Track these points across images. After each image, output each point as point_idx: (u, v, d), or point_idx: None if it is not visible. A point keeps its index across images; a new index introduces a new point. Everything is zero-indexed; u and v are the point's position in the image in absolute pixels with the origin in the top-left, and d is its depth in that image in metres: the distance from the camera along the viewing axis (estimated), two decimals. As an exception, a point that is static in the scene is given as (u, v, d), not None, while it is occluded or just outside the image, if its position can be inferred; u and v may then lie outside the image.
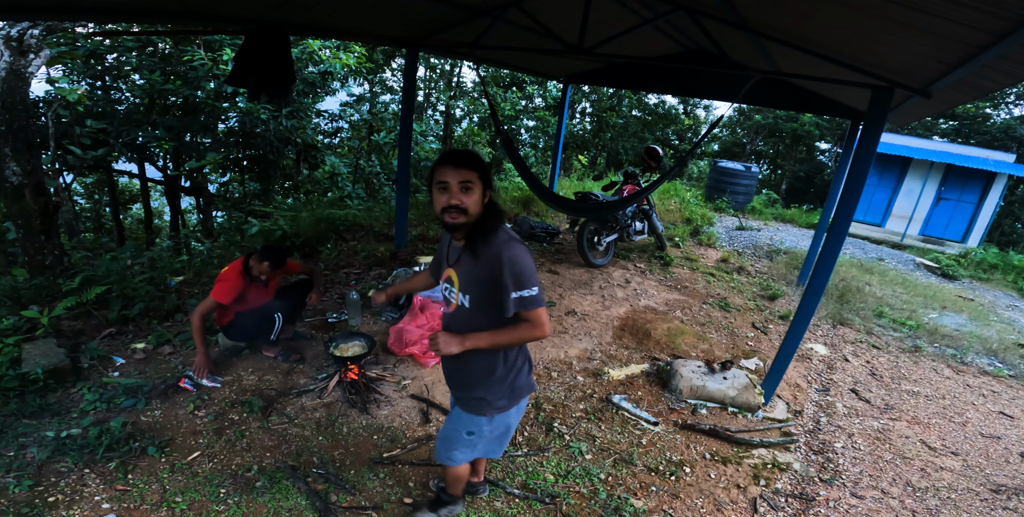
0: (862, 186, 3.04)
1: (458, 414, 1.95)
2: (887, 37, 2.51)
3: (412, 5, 3.77)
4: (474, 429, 1.91)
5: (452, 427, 1.98)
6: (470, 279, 1.71)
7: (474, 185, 1.60)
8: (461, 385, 1.89)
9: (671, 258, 6.47)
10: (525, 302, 1.62)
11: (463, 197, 1.60)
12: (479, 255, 1.66)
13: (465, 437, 1.94)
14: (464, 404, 1.90)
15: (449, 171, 1.59)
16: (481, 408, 1.86)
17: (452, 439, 1.98)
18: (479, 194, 1.63)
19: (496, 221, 1.69)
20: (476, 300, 1.72)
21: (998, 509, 2.97)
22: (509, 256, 1.61)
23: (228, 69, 6.65)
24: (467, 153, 1.64)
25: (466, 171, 1.59)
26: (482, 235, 1.66)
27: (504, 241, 1.65)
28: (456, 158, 1.61)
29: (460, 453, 1.99)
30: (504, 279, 1.60)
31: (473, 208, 1.62)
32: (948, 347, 5.29)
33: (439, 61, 13.86)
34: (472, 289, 1.71)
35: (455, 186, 1.59)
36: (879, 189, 11.73)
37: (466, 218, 1.62)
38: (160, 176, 9.20)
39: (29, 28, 4.07)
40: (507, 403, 1.87)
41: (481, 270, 1.66)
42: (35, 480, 2.39)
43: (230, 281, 3.14)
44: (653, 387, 3.76)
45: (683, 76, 5.93)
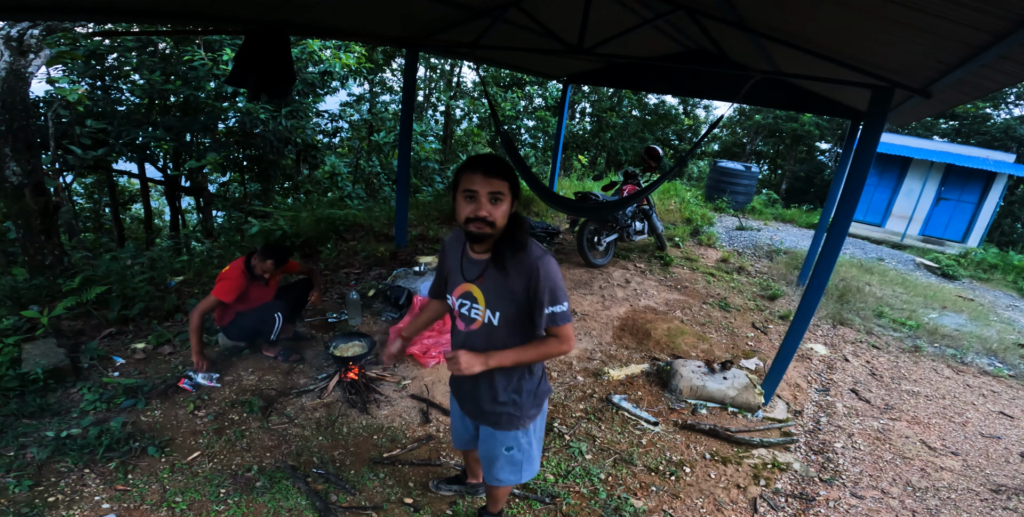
0: (862, 186, 3.04)
1: (490, 434, 1.87)
2: (887, 37, 2.51)
3: (412, 5, 3.77)
4: (512, 444, 1.85)
5: (488, 448, 1.90)
6: (499, 295, 1.61)
7: (504, 196, 1.50)
8: (488, 402, 1.80)
9: (671, 258, 6.46)
10: (557, 318, 1.57)
11: (492, 209, 1.50)
12: (510, 270, 1.57)
13: (505, 453, 1.88)
14: (494, 422, 1.82)
15: (478, 179, 1.48)
16: (513, 422, 1.80)
17: (493, 459, 1.91)
18: (508, 206, 1.53)
19: (525, 234, 1.60)
20: (507, 317, 1.63)
21: (998, 509, 2.97)
22: (546, 271, 1.54)
23: (228, 69, 6.65)
24: (498, 161, 1.52)
25: (497, 181, 1.48)
26: (512, 250, 1.57)
27: (539, 256, 1.57)
28: (487, 166, 1.49)
29: (507, 473, 1.92)
30: (541, 295, 1.54)
31: (501, 221, 1.53)
32: (948, 347, 5.29)
33: (439, 61, 13.86)
34: (503, 305, 1.62)
35: (484, 196, 1.48)
36: (879, 189, 11.73)
37: (492, 230, 1.53)
38: (160, 176, 9.20)
39: (29, 28, 4.07)
40: (536, 411, 1.84)
41: (513, 285, 1.58)
42: (35, 480, 2.39)
43: (232, 280, 3.14)
44: (653, 387, 3.76)
45: (683, 76, 5.93)
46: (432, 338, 3.77)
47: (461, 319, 1.73)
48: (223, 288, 3.11)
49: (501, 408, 1.78)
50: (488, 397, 1.78)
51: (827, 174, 17.19)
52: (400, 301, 4.25)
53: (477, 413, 1.86)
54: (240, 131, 7.83)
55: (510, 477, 1.93)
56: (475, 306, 1.67)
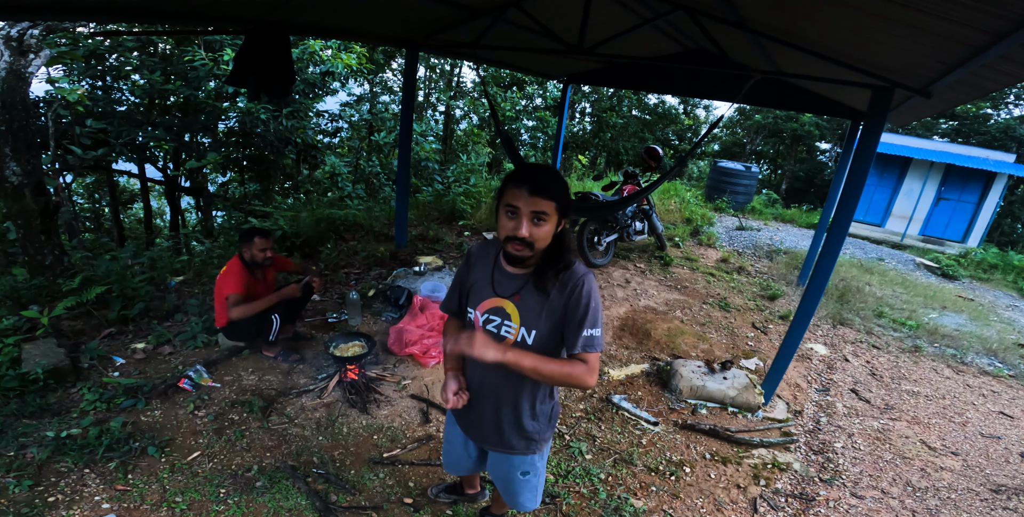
0: (862, 186, 3.04)
1: (504, 459, 1.79)
2: (887, 37, 2.51)
3: (412, 5, 3.77)
4: (528, 468, 1.80)
5: (504, 473, 1.84)
6: (537, 313, 1.51)
7: (549, 217, 1.37)
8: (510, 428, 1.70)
9: (671, 258, 6.46)
10: (592, 342, 1.47)
11: (533, 229, 1.37)
12: (551, 290, 1.48)
13: (521, 478, 1.82)
14: (510, 447, 1.74)
15: (523, 197, 1.35)
16: (531, 447, 1.74)
17: (510, 483, 1.85)
18: (552, 227, 1.40)
19: (572, 255, 1.50)
20: (542, 336, 1.52)
21: (998, 509, 2.97)
22: (589, 290, 1.46)
23: (228, 69, 6.65)
24: (549, 178, 1.37)
25: (543, 201, 1.35)
26: (557, 271, 1.48)
27: (584, 273, 1.48)
28: (535, 183, 1.35)
29: (528, 499, 1.88)
30: (581, 314, 1.46)
31: (542, 243, 1.41)
32: (948, 347, 5.29)
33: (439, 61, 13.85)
34: (540, 324, 1.51)
35: (526, 215, 1.36)
36: (879, 189, 11.73)
37: (531, 252, 1.42)
38: (160, 176, 9.20)
39: (29, 28, 4.07)
40: (551, 433, 1.80)
41: (554, 303, 1.49)
42: (35, 480, 2.40)
43: (234, 273, 3.18)
44: (653, 387, 3.76)
45: (683, 76, 5.92)
46: (432, 338, 3.77)
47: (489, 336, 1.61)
48: (230, 283, 3.14)
49: (522, 434, 1.70)
50: (503, 423, 1.69)
51: (827, 174, 17.19)
52: (400, 301, 4.25)
53: (487, 439, 1.77)
54: (240, 131, 7.83)
55: (530, 503, 1.90)
56: (507, 323, 1.55)
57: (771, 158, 19.76)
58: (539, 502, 1.93)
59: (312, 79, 7.77)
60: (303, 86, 7.71)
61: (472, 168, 9.54)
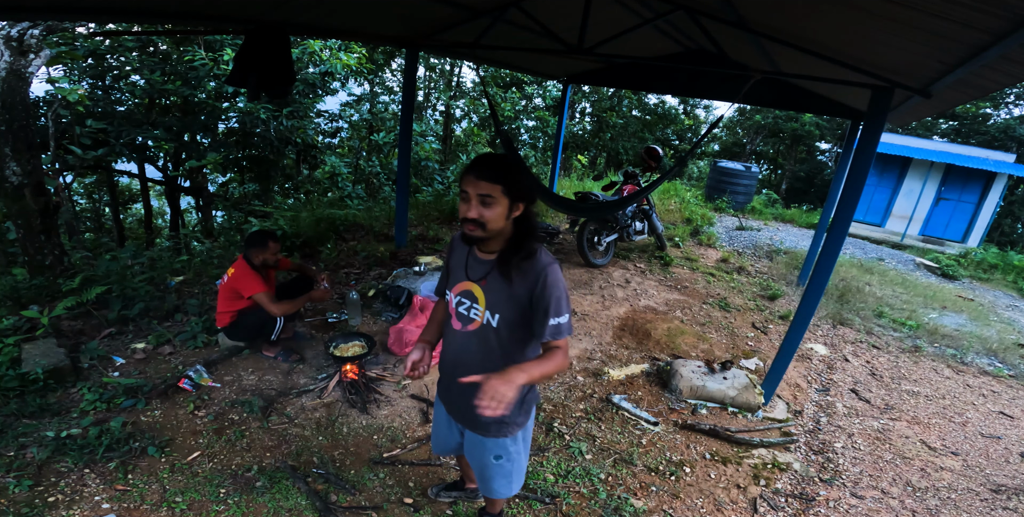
0: (862, 186, 3.04)
1: (479, 441, 1.83)
2: (887, 37, 2.51)
3: (412, 5, 3.77)
4: (500, 452, 1.82)
5: (478, 456, 1.87)
6: (501, 298, 1.59)
7: (495, 200, 1.47)
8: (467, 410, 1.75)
9: (671, 258, 6.46)
10: (561, 329, 1.54)
11: (482, 210, 1.48)
12: (514, 277, 1.55)
13: (494, 463, 1.84)
14: (484, 429, 1.78)
15: (470, 181, 1.47)
16: (502, 430, 1.77)
17: (484, 468, 1.88)
18: (503, 208, 1.50)
19: (533, 243, 1.57)
20: (507, 320, 1.61)
21: (998, 509, 2.97)
22: (553, 280, 1.53)
23: (228, 69, 6.65)
24: (493, 163, 1.50)
25: (486, 184, 1.46)
26: (518, 258, 1.55)
27: (548, 263, 1.55)
28: (479, 168, 1.48)
29: (500, 484, 1.90)
30: (546, 303, 1.52)
31: (493, 223, 1.50)
32: (948, 347, 5.29)
33: (439, 61, 13.85)
34: (504, 309, 1.60)
35: (474, 198, 1.48)
36: (879, 189, 11.73)
37: (484, 233, 1.51)
38: (160, 176, 9.20)
39: (29, 28, 4.07)
40: (525, 419, 1.82)
41: (517, 290, 1.56)
42: (35, 480, 2.39)
43: (250, 274, 3.17)
44: (653, 387, 3.76)
45: (683, 76, 5.92)
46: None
47: (458, 318, 1.70)
48: (252, 285, 3.13)
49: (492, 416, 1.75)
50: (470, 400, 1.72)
51: (827, 174, 17.19)
52: (400, 301, 4.25)
53: (466, 417, 1.81)
54: (240, 131, 7.84)
55: (503, 489, 1.91)
56: (475, 306, 1.64)
57: (771, 158, 19.77)
58: (514, 490, 1.93)
59: (312, 79, 7.77)
60: (303, 86, 7.71)
61: (472, 168, 9.52)
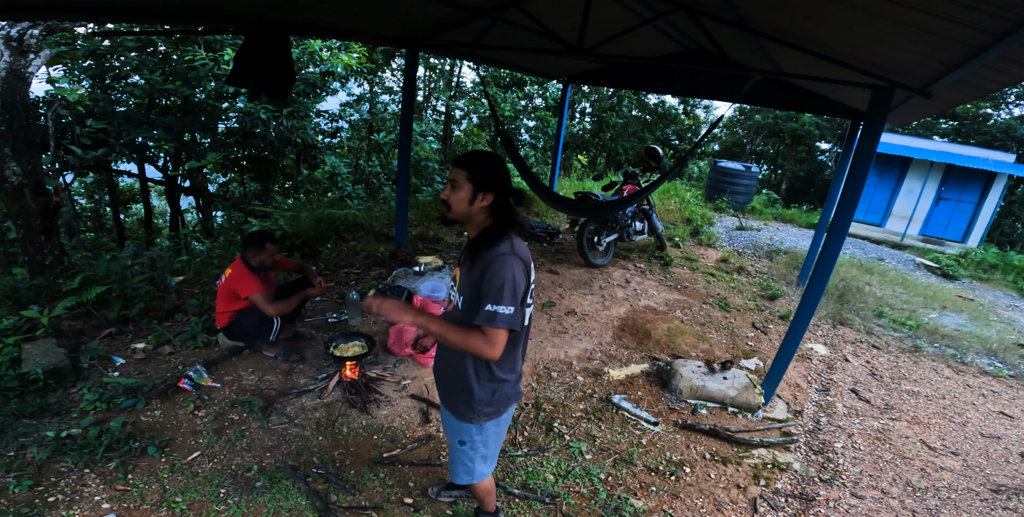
0: (862, 186, 3.04)
1: (447, 418, 1.95)
2: (887, 37, 2.51)
3: (412, 5, 3.77)
4: (464, 437, 1.90)
5: (449, 436, 1.99)
6: (465, 282, 1.74)
7: (459, 184, 1.65)
8: (444, 386, 1.92)
9: (671, 258, 6.46)
10: (493, 317, 1.58)
11: (449, 193, 1.67)
12: (474, 263, 1.68)
13: (459, 447, 1.93)
14: (452, 407, 1.89)
15: (451, 169, 1.70)
16: (467, 415, 1.84)
17: (452, 451, 1.98)
18: (466, 193, 1.65)
19: (498, 236, 1.67)
20: (466, 302, 1.74)
21: (998, 509, 2.97)
22: (497, 269, 1.60)
23: (228, 69, 6.65)
24: (469, 154, 1.70)
25: (456, 169, 1.67)
26: (481, 245, 1.67)
27: (500, 254, 1.62)
28: (457, 158, 1.70)
29: (461, 470, 1.97)
30: (484, 290, 1.61)
31: (456, 206, 1.67)
32: (948, 347, 5.29)
33: (439, 61, 13.85)
34: (465, 291, 1.74)
35: (448, 183, 1.69)
36: (879, 189, 11.73)
37: (449, 213, 1.69)
38: (160, 176, 9.20)
39: (29, 28, 4.07)
40: (493, 410, 1.85)
41: (474, 275, 1.68)
42: (35, 480, 2.39)
43: (247, 275, 3.17)
44: (653, 387, 3.76)
45: (683, 76, 5.92)
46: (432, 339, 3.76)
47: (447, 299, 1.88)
48: (248, 285, 3.13)
49: (465, 397, 1.82)
50: (451, 380, 1.86)
51: (827, 174, 17.19)
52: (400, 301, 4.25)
53: (443, 395, 1.95)
54: (240, 131, 7.83)
55: (464, 475, 1.98)
56: (454, 288, 1.85)
57: (771, 158, 19.76)
58: (475, 479, 1.98)
59: (312, 79, 7.77)
60: (303, 86, 7.71)
61: (472, 168, 9.53)
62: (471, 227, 1.74)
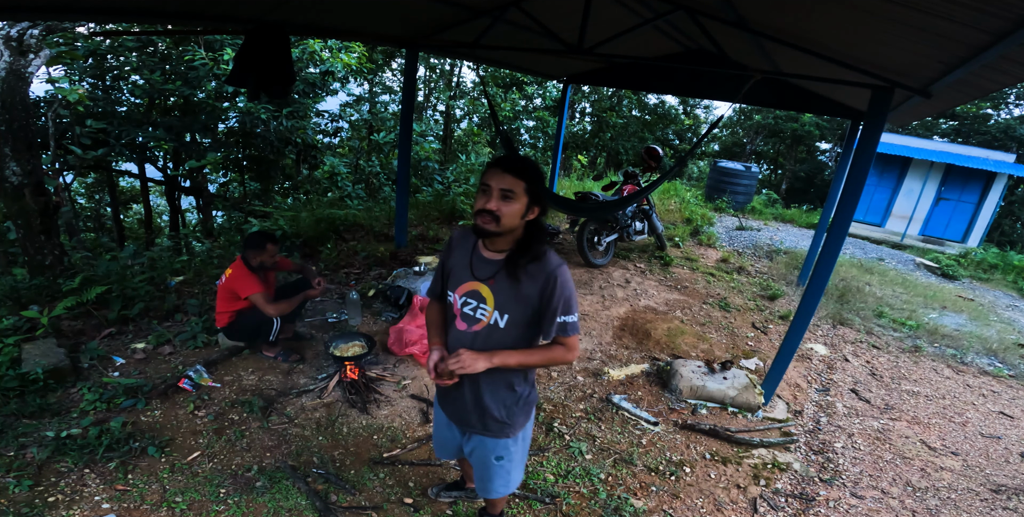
0: (862, 186, 3.04)
1: (480, 442, 1.82)
2: (887, 37, 2.51)
3: (412, 5, 3.77)
4: (502, 453, 1.81)
5: (480, 456, 1.86)
6: (510, 298, 1.59)
7: (515, 196, 1.49)
8: (477, 409, 1.74)
9: (671, 258, 6.46)
10: (568, 328, 1.57)
11: (501, 204, 1.49)
12: (522, 277, 1.56)
13: (495, 463, 1.83)
14: (483, 429, 1.78)
15: (495, 175, 1.49)
16: (504, 430, 1.76)
17: (485, 468, 1.88)
18: (520, 207, 1.51)
19: (543, 246, 1.59)
20: (515, 320, 1.61)
21: (998, 509, 2.97)
22: (563, 281, 1.54)
23: (228, 69, 6.65)
24: (522, 161, 1.53)
25: (511, 178, 1.48)
26: (527, 260, 1.56)
27: (557, 265, 1.56)
28: (506, 162, 1.51)
29: (499, 484, 1.89)
30: (555, 303, 1.54)
31: (508, 220, 1.51)
32: (948, 347, 5.29)
33: (439, 61, 13.85)
34: (513, 309, 1.60)
35: (495, 191, 1.49)
36: (879, 189, 11.73)
37: (497, 227, 1.51)
38: (160, 176, 9.20)
39: (29, 28, 4.07)
40: (525, 419, 1.81)
41: (526, 290, 1.56)
42: (35, 480, 2.39)
43: (247, 275, 3.17)
44: (653, 387, 3.76)
45: (683, 76, 5.92)
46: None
47: (463, 319, 1.68)
48: (249, 285, 3.13)
49: (491, 415, 1.73)
50: (479, 403, 1.73)
51: (827, 174, 17.19)
52: (400, 301, 4.25)
53: (465, 420, 1.80)
54: (240, 131, 7.83)
55: (501, 489, 1.90)
56: (482, 306, 1.63)
57: (771, 158, 19.76)
58: (511, 488, 1.93)
59: (312, 79, 7.77)
60: (303, 86, 7.71)
61: (472, 168, 9.54)
62: (503, 240, 1.59)
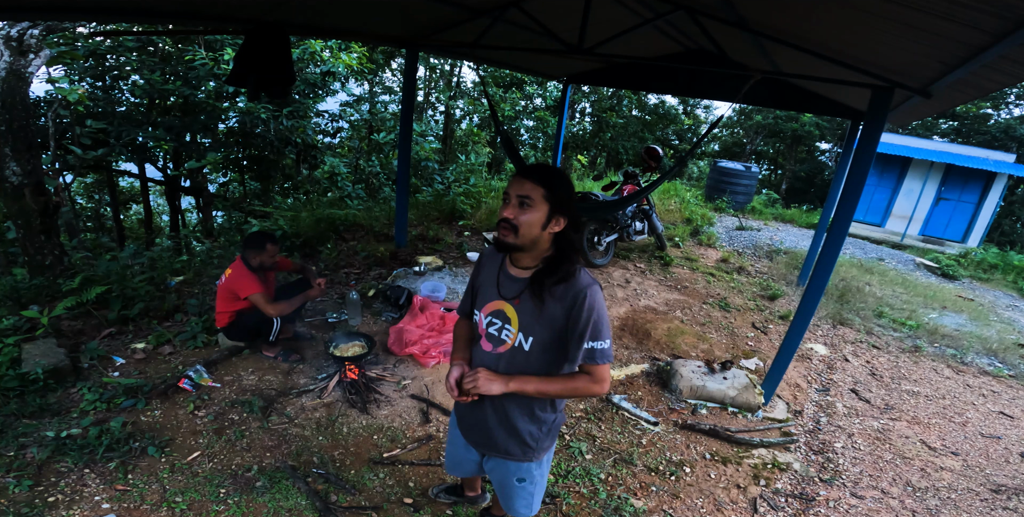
0: (862, 186, 3.05)
1: (500, 464, 1.74)
2: (887, 37, 2.51)
3: (412, 5, 3.77)
4: (524, 475, 1.74)
5: (500, 477, 1.79)
6: (535, 320, 1.49)
7: (533, 203, 1.39)
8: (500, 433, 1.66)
9: (671, 258, 6.46)
10: (596, 355, 1.47)
11: (517, 212, 1.40)
12: (546, 298, 1.46)
13: (517, 485, 1.76)
14: (505, 453, 1.70)
15: (514, 182, 1.42)
16: (527, 455, 1.68)
17: (506, 489, 1.81)
18: (540, 216, 1.41)
19: (573, 265, 1.46)
20: (540, 343, 1.52)
21: (998, 509, 2.97)
22: (592, 303, 1.43)
23: (228, 69, 6.65)
24: (543, 168, 1.43)
25: (529, 184, 1.39)
26: (552, 279, 1.45)
27: (587, 285, 1.45)
28: (527, 170, 1.43)
29: (522, 506, 1.83)
30: (582, 326, 1.44)
31: (527, 230, 1.41)
32: (948, 347, 5.29)
33: (439, 61, 13.84)
34: (538, 331, 1.50)
35: (513, 198, 1.41)
36: (879, 189, 11.73)
37: (516, 238, 1.42)
38: (160, 176, 9.20)
39: (29, 28, 4.07)
40: (551, 443, 1.75)
41: (551, 311, 1.46)
42: (35, 480, 2.40)
43: (247, 275, 3.17)
44: (653, 387, 3.76)
45: (683, 76, 5.92)
46: (432, 338, 3.77)
47: (488, 339, 1.59)
48: (248, 285, 3.13)
49: (515, 439, 1.66)
50: (501, 427, 1.65)
51: (827, 174, 17.19)
52: (400, 301, 4.25)
53: (486, 444, 1.72)
54: (240, 131, 7.83)
55: (524, 510, 1.85)
56: (507, 327, 1.54)
57: (771, 158, 19.76)
58: (535, 510, 1.88)
59: (312, 79, 7.76)
60: (303, 86, 7.71)
61: (472, 168, 9.54)
62: (528, 257, 1.49)
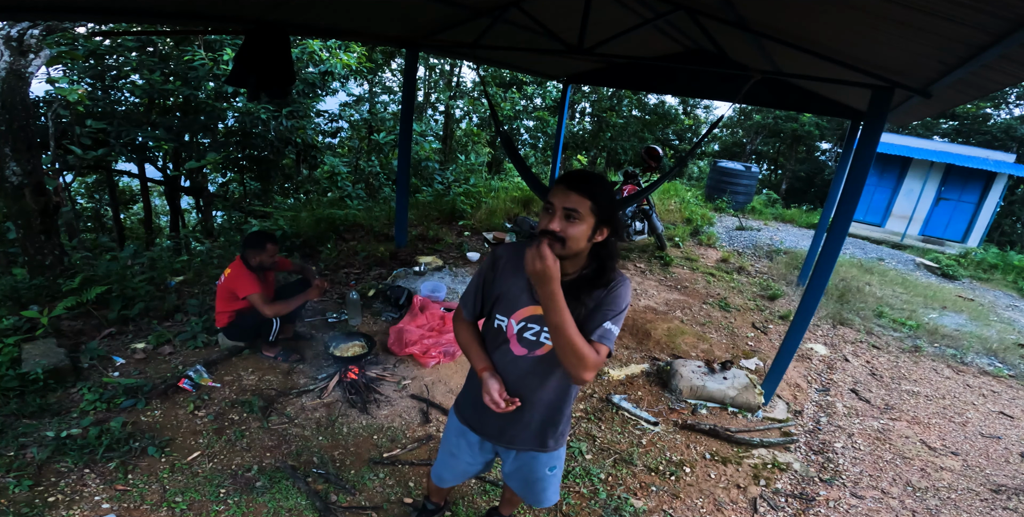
0: (862, 186, 3.05)
1: (532, 458, 1.76)
2: (887, 37, 2.51)
3: (412, 5, 3.77)
4: (555, 462, 1.80)
5: (528, 472, 1.80)
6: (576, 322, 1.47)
7: (581, 216, 1.35)
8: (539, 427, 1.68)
9: (671, 258, 6.46)
10: (605, 334, 1.43)
11: (565, 225, 1.36)
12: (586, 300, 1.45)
13: (549, 474, 1.81)
14: (542, 447, 1.72)
15: (558, 192, 1.36)
16: (559, 442, 1.75)
17: (536, 482, 1.82)
18: (586, 229, 1.37)
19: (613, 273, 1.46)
20: None
21: (998, 509, 2.97)
22: (620, 291, 1.46)
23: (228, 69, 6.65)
24: (589, 179, 1.38)
25: (576, 197, 1.34)
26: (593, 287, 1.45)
27: (622, 275, 1.49)
28: (572, 179, 1.37)
29: (552, 491, 1.87)
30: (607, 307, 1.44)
31: (574, 243, 1.37)
32: (948, 347, 5.29)
33: (439, 61, 13.84)
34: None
35: (559, 210, 1.36)
36: (879, 189, 11.73)
37: (562, 250, 1.37)
38: (160, 176, 9.20)
39: (29, 28, 4.06)
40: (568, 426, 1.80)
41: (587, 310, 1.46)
42: (35, 480, 2.39)
43: (246, 275, 3.17)
44: (653, 387, 3.76)
45: (683, 76, 5.92)
46: (432, 338, 3.77)
47: (521, 344, 1.56)
48: (247, 285, 3.13)
49: (555, 432, 1.71)
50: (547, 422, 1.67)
51: (827, 174, 17.19)
52: (400, 301, 4.25)
53: (525, 440, 1.71)
54: (240, 131, 7.83)
55: (555, 496, 1.89)
56: (546, 331, 1.51)
57: (771, 158, 19.76)
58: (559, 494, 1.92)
59: (312, 79, 7.77)
60: (303, 86, 7.71)
61: (472, 168, 9.54)
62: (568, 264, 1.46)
